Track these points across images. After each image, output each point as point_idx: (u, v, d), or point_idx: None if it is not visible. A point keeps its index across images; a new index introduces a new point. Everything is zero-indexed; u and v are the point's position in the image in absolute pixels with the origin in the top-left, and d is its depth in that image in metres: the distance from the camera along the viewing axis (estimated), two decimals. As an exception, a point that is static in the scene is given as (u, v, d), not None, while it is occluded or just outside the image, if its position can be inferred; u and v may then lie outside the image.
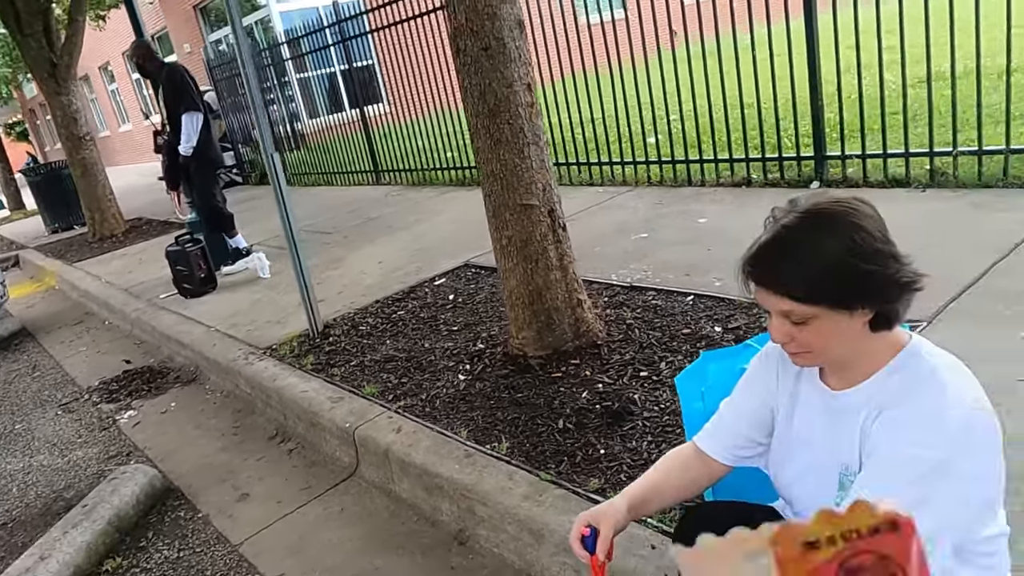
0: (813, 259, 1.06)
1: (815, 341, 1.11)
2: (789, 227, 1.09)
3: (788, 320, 1.10)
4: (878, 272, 1.05)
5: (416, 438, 2.61)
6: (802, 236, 1.07)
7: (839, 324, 1.08)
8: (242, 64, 3.57)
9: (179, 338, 4.46)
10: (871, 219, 1.07)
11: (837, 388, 1.19)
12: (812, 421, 1.23)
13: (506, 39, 2.68)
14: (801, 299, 1.07)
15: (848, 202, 1.08)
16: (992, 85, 4.54)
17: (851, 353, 1.13)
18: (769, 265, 1.10)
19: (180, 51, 16.85)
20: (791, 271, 1.07)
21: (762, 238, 1.12)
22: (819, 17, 4.34)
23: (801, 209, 1.09)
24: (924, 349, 1.12)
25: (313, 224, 6.99)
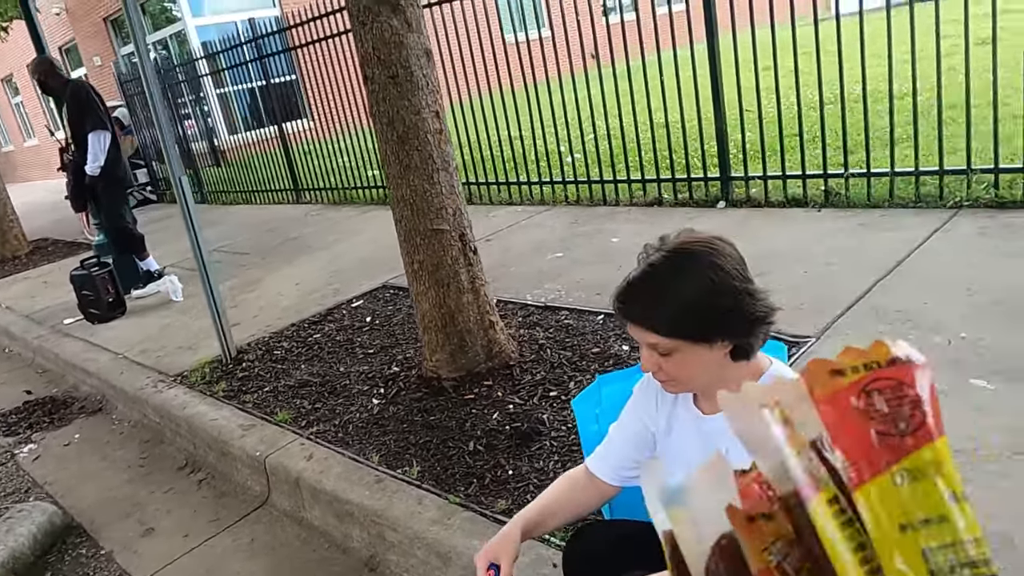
0: (675, 297, 1.14)
1: (680, 371, 1.20)
2: (655, 266, 1.17)
3: (655, 352, 1.18)
4: (734, 309, 1.14)
5: (327, 464, 2.61)
6: (665, 275, 1.16)
7: (701, 356, 1.17)
8: (147, 83, 3.50)
9: (84, 366, 4.30)
10: (730, 258, 1.16)
11: (707, 412, 1.28)
12: (687, 443, 1.32)
13: (413, 68, 2.73)
14: (664, 334, 1.16)
15: (709, 242, 1.17)
16: (884, 109, 4.84)
17: (715, 380, 1.22)
18: (636, 303, 1.18)
19: (90, 64, 16.24)
20: (655, 309, 1.16)
21: (631, 275, 1.20)
22: (721, 41, 4.55)
23: (667, 248, 1.18)
24: (779, 374, 1.22)
25: (230, 244, 6.85)
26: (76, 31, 16.57)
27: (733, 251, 1.18)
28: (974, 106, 3.96)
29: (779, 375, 1.22)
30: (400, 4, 2.67)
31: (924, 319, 2.73)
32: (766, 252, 3.73)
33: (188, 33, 13.16)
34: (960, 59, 3.82)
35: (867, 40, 3.98)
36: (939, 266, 3.16)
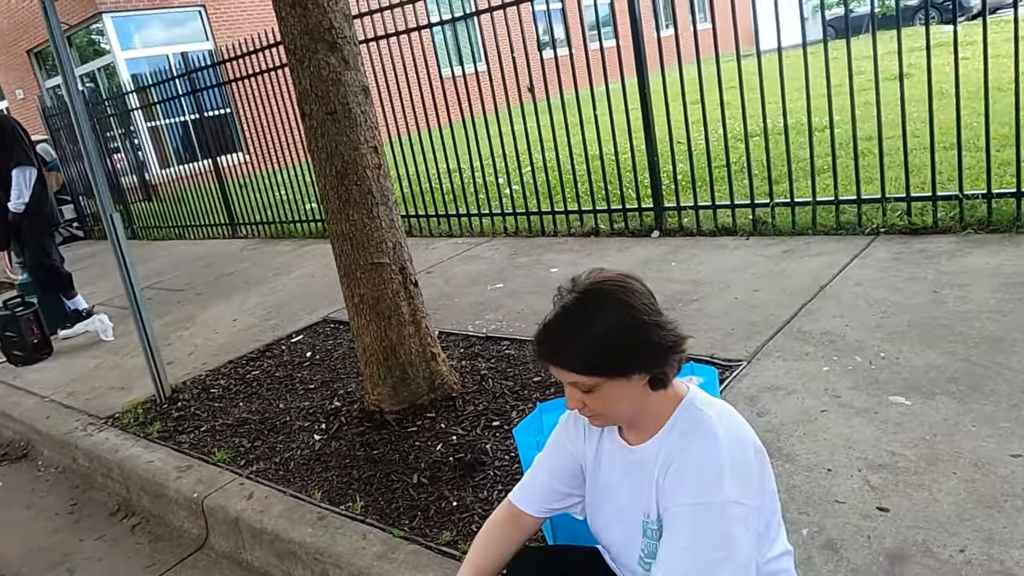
0: (588, 336, 1.19)
1: (603, 406, 1.24)
2: (566, 308, 1.22)
3: (578, 389, 1.23)
4: (645, 342, 1.20)
5: (268, 503, 2.56)
6: (577, 316, 1.21)
7: (620, 389, 1.22)
8: (75, 116, 3.43)
9: (7, 410, 4.12)
10: (638, 294, 1.22)
11: (633, 443, 1.32)
12: (615, 474, 1.36)
13: (351, 104, 2.76)
14: (581, 372, 1.21)
15: (618, 281, 1.23)
16: (805, 141, 5.09)
17: (638, 411, 1.27)
18: (551, 346, 1.23)
19: (12, 98, 15.71)
20: (569, 350, 1.21)
21: (545, 319, 1.25)
22: (651, 77, 4.73)
23: (578, 290, 1.23)
24: (697, 400, 1.28)
25: (164, 281, 6.69)
26: (-3, 63, 16.04)
27: (642, 287, 1.25)
28: (887, 138, 4.21)
29: (696, 400, 1.28)
30: (337, 42, 2.71)
31: (846, 340, 2.87)
32: (698, 279, 3.86)
33: (117, 66, 12.92)
34: (873, 94, 4.07)
35: (787, 75, 4.20)
36: (859, 290, 3.33)
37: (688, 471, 1.18)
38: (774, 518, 1.26)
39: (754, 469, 1.19)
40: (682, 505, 1.17)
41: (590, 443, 1.41)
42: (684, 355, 1.25)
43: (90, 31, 13.58)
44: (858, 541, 1.83)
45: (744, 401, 2.58)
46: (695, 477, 1.17)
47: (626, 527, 1.32)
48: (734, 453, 1.17)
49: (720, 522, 1.13)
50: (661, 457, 1.24)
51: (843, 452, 2.19)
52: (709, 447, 1.18)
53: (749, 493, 1.16)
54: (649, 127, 4.79)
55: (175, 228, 9.20)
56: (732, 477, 1.15)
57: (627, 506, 1.32)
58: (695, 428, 1.22)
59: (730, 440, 1.19)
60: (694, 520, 1.15)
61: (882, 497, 1.97)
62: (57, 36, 3.33)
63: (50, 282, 5.18)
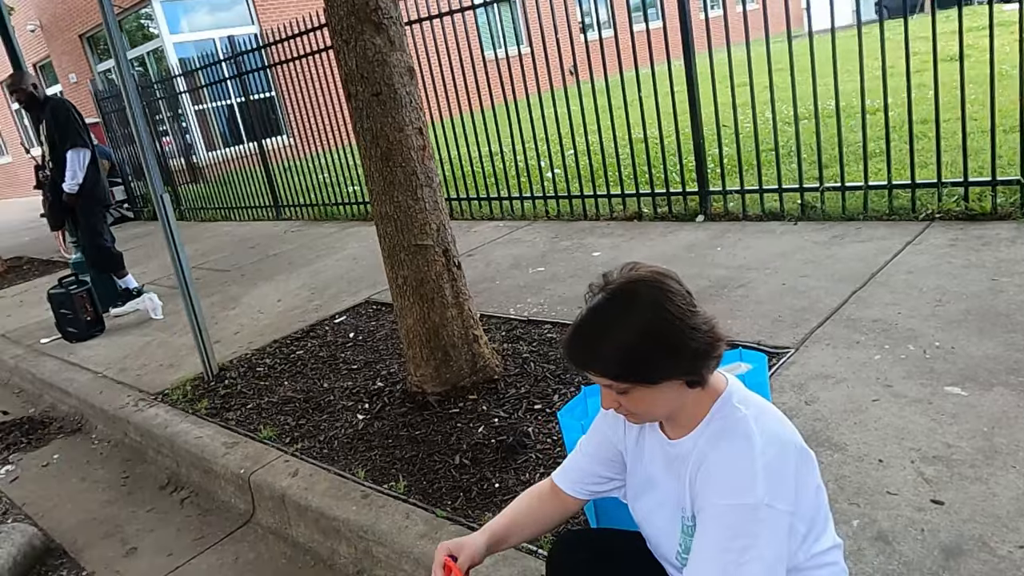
0: (618, 342, 1.14)
1: (638, 407, 1.21)
2: (595, 310, 1.18)
3: (612, 391, 1.20)
4: (679, 348, 1.14)
5: (313, 481, 2.60)
6: (606, 320, 1.16)
7: (654, 392, 1.18)
8: (128, 100, 3.49)
9: (62, 386, 4.25)
10: (673, 295, 1.16)
11: (672, 437, 1.29)
12: (655, 465, 1.34)
13: (396, 85, 2.76)
14: (613, 377, 1.17)
15: (652, 280, 1.17)
16: (857, 124, 4.94)
17: (676, 409, 1.24)
18: (581, 350, 1.19)
19: (66, 82, 16.11)
20: (600, 355, 1.16)
21: (575, 321, 1.21)
22: (697, 58, 4.64)
23: (610, 289, 1.18)
24: (735, 398, 1.23)
25: (210, 261, 6.82)
26: (51, 48, 16.45)
27: (678, 286, 1.18)
28: (944, 121, 4.07)
29: (733, 397, 1.24)
30: (383, 23, 2.70)
31: (899, 329, 2.79)
32: (744, 264, 3.79)
33: (166, 50, 13.14)
34: (929, 75, 3.93)
35: (839, 57, 4.07)
36: (912, 277, 3.23)
37: (719, 471, 1.15)
38: (819, 515, 1.22)
39: (791, 471, 1.14)
40: (714, 505, 1.14)
41: (630, 433, 1.39)
42: (720, 357, 1.20)
43: (139, 15, 13.83)
44: (911, 534, 1.79)
45: (792, 389, 2.53)
46: (726, 478, 1.14)
47: (666, 520, 1.31)
48: (768, 454, 1.13)
49: (749, 524, 1.09)
50: (695, 454, 1.22)
51: (895, 443, 2.14)
52: (742, 447, 1.14)
53: (783, 496, 1.11)
54: (695, 109, 4.69)
55: (220, 210, 9.37)
56: (765, 479, 1.11)
57: (666, 499, 1.30)
58: (729, 427, 1.19)
59: (765, 440, 1.15)
60: (723, 521, 1.12)
61: (937, 490, 1.92)
62: (111, 20, 3.39)
63: (102, 262, 5.31)
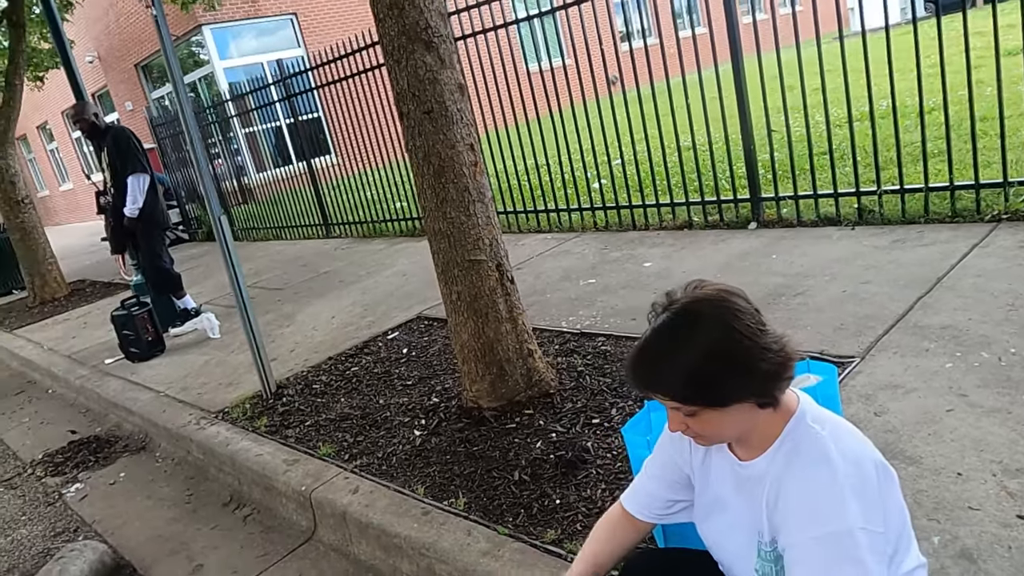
0: (682, 365, 1.12)
1: (706, 429, 1.18)
2: (659, 332, 1.15)
3: (679, 413, 1.17)
4: (748, 370, 1.12)
5: (373, 498, 2.62)
6: (672, 341, 1.14)
7: (723, 415, 1.15)
8: (186, 124, 3.59)
9: (127, 405, 4.37)
10: (741, 314, 1.13)
11: (743, 458, 1.25)
12: (725, 487, 1.30)
13: (447, 103, 2.78)
14: (680, 400, 1.14)
15: (718, 300, 1.14)
16: (913, 124, 4.81)
17: (746, 432, 1.21)
18: (645, 372, 1.17)
19: (122, 109, 16.70)
20: (663, 377, 1.15)
21: (639, 342, 1.18)
22: (745, 61, 4.58)
23: (674, 309, 1.15)
24: (809, 417, 1.19)
25: (263, 280, 6.95)
26: (108, 78, 17.08)
27: (745, 304, 1.15)
28: (1007, 117, 3.93)
29: (807, 416, 1.20)
30: (433, 41, 2.73)
31: (969, 336, 2.68)
32: (801, 271, 3.70)
33: (216, 75, 13.52)
34: (988, 71, 3.80)
35: (893, 55, 3.97)
36: (981, 280, 3.11)
37: (802, 499, 1.11)
38: (904, 533, 1.17)
39: (875, 489, 1.10)
40: (806, 539, 1.09)
41: (696, 454, 1.36)
42: (792, 377, 1.16)
43: (190, 43, 14.27)
44: (997, 551, 1.70)
45: (859, 400, 2.45)
46: (814, 506, 1.09)
47: (740, 543, 1.26)
48: (851, 475, 1.09)
49: (849, 549, 1.05)
50: (770, 478, 1.18)
51: (974, 455, 2.05)
52: (824, 472, 1.10)
53: (873, 518, 1.07)
54: (744, 114, 4.62)
55: (272, 229, 9.56)
56: (854, 501, 1.07)
57: (739, 522, 1.26)
58: (807, 450, 1.14)
59: (846, 461, 1.10)
60: (821, 553, 1.07)
61: (1023, 505, 1.83)
62: (168, 49, 3.49)
63: (161, 283, 5.46)
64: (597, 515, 2.19)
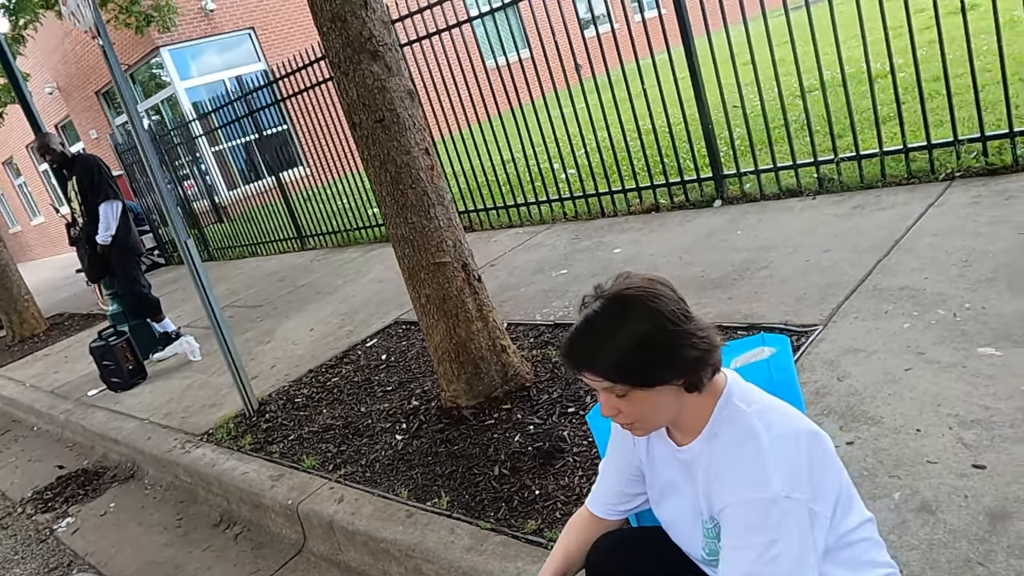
0: (613, 346, 1.18)
1: (638, 412, 1.23)
2: (590, 318, 1.22)
3: (612, 395, 1.22)
4: (672, 353, 1.18)
5: (358, 505, 2.65)
6: (602, 326, 1.20)
7: (652, 396, 1.21)
8: (143, 151, 3.60)
9: (112, 435, 4.37)
10: (665, 301, 1.19)
11: (680, 443, 1.31)
12: (668, 474, 1.36)
13: (399, 110, 2.80)
14: (611, 380, 1.20)
15: (643, 287, 1.21)
16: (866, 91, 4.87)
17: (676, 416, 1.26)
18: (577, 354, 1.23)
19: (87, 138, 16.55)
20: (596, 358, 1.20)
21: (572, 329, 1.25)
22: (697, 42, 4.62)
23: (604, 297, 1.22)
24: (735, 397, 1.25)
25: (241, 298, 6.95)
26: (70, 107, 16.91)
27: (671, 293, 1.21)
28: (955, 76, 4.00)
29: (733, 396, 1.25)
30: (378, 51, 2.75)
31: (926, 295, 2.75)
32: (766, 245, 3.77)
33: (178, 96, 13.42)
34: (935, 33, 3.86)
35: (841, 24, 4.03)
36: (936, 240, 3.19)
37: (731, 471, 1.17)
38: (843, 492, 1.22)
39: (803, 459, 1.15)
40: (731, 505, 1.15)
41: (640, 445, 1.42)
42: (718, 365, 1.23)
43: (151, 66, 14.16)
44: (955, 501, 1.77)
45: (823, 366, 2.51)
46: (739, 476, 1.15)
47: (688, 524, 1.33)
48: (777, 448, 1.15)
49: (770, 518, 1.10)
50: (704, 459, 1.24)
51: (932, 410, 2.11)
52: (750, 446, 1.16)
53: (798, 486, 1.12)
54: (700, 94, 4.68)
55: (247, 247, 9.54)
56: (778, 471, 1.12)
57: (685, 504, 1.32)
58: (735, 428, 1.20)
59: (771, 435, 1.16)
60: (743, 519, 1.13)
61: (977, 454, 1.89)
62: (118, 76, 3.49)
63: (141, 308, 5.46)
64: (576, 502, 2.24)
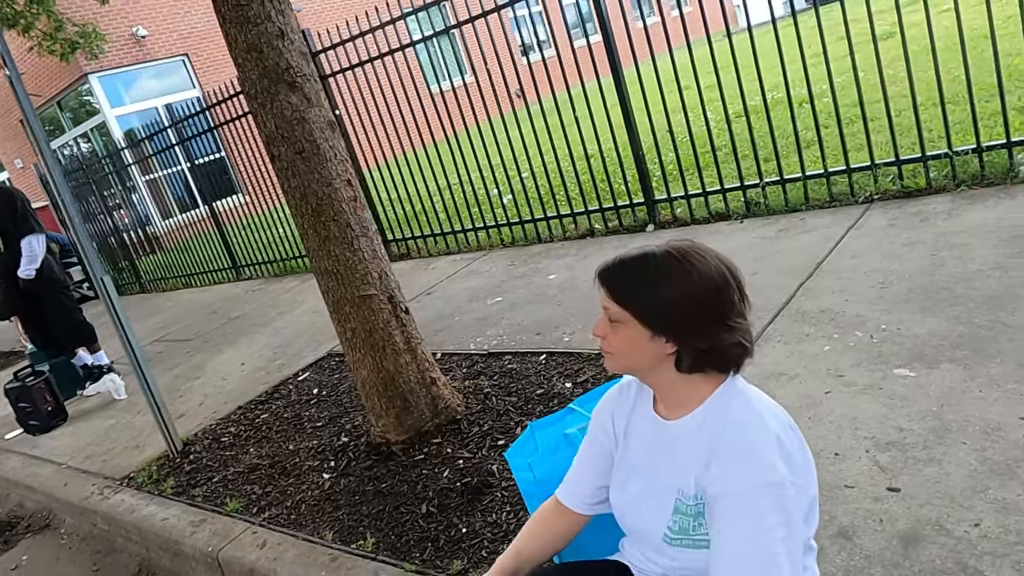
0: (648, 282, 1.19)
1: (618, 345, 1.23)
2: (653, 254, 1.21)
3: (606, 315, 1.23)
4: (699, 323, 1.17)
5: (281, 550, 2.55)
6: (658, 264, 1.20)
7: (643, 339, 1.20)
8: (57, 192, 3.46)
9: (27, 482, 4.14)
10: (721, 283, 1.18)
11: (668, 417, 1.29)
12: (646, 448, 1.33)
13: (319, 141, 2.75)
14: (616, 298, 1.21)
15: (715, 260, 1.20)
16: (787, 118, 5.01)
17: (658, 380, 1.26)
18: (614, 268, 1.23)
19: (12, 167, 15.95)
20: (625, 276, 1.21)
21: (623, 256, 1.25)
22: (626, 72, 4.70)
23: (673, 247, 1.21)
24: (740, 382, 1.25)
25: (172, 332, 6.73)
26: (-7, 136, 16.28)
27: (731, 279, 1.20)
28: (870, 103, 4.14)
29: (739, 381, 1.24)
30: (296, 81, 2.70)
31: (846, 316, 2.81)
32: (696, 269, 3.80)
33: (109, 124, 13.05)
34: (861, 58, 3.99)
35: (762, 52, 4.14)
36: (856, 261, 3.27)
37: (741, 454, 1.15)
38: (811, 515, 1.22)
39: (800, 452, 1.18)
40: (741, 488, 1.14)
41: (619, 420, 1.39)
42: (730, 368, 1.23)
43: (80, 93, 13.75)
44: (870, 526, 1.78)
45: (747, 391, 2.53)
46: (750, 459, 1.14)
47: (655, 504, 1.29)
48: (781, 436, 1.16)
49: (780, 499, 1.11)
50: (704, 435, 1.21)
51: (850, 433, 2.14)
52: (759, 431, 1.16)
53: (798, 472, 1.14)
54: (630, 122, 4.74)
55: (181, 278, 9.27)
56: (782, 460, 1.13)
57: (657, 482, 1.29)
58: (740, 411, 1.20)
59: (778, 423, 1.18)
60: (753, 501, 1.12)
61: (892, 477, 1.92)
62: (29, 114, 3.34)
63: (79, 335, 5.24)
64: (504, 539, 2.20)
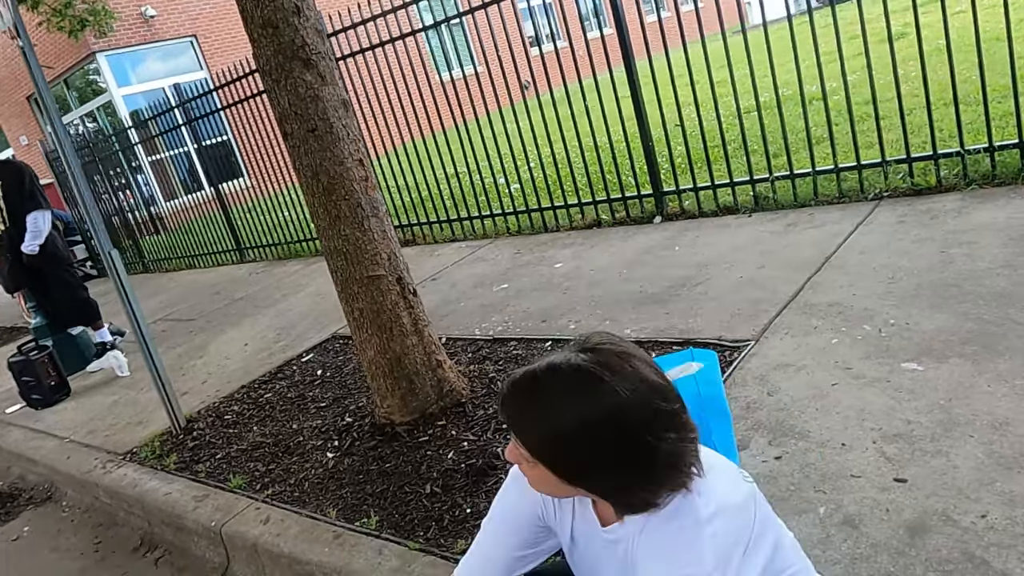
0: (548, 422, 1.06)
1: (531, 478, 1.15)
2: (547, 374, 1.08)
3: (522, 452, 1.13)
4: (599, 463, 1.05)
5: (284, 526, 2.56)
6: (551, 395, 1.07)
7: (562, 486, 1.12)
8: (68, 166, 3.45)
9: (29, 455, 4.15)
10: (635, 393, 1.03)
11: (604, 523, 1.21)
12: (592, 549, 1.26)
13: (332, 119, 2.75)
14: (530, 450, 1.10)
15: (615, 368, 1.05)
16: (798, 114, 5.00)
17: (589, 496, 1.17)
18: (514, 408, 1.12)
19: (17, 144, 15.93)
20: (527, 422, 1.09)
21: (520, 373, 1.12)
22: (639, 64, 4.69)
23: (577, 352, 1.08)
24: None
25: (176, 311, 6.73)
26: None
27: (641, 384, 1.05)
28: (883, 100, 4.13)
29: None
30: (312, 59, 2.70)
31: (854, 310, 2.81)
32: (702, 261, 3.81)
33: (115, 103, 13.03)
34: (875, 56, 3.97)
35: (776, 48, 4.13)
36: (864, 257, 3.27)
37: (663, 550, 1.07)
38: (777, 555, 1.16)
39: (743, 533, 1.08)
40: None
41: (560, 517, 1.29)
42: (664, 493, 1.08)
43: (87, 71, 13.72)
44: (876, 515, 1.79)
45: (753, 381, 2.54)
46: (672, 554, 1.06)
47: None
48: (713, 525, 1.06)
49: None
50: (631, 538, 1.14)
51: (857, 425, 2.15)
52: (683, 524, 1.07)
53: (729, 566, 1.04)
54: (641, 114, 4.73)
55: (185, 258, 9.27)
56: (711, 552, 1.04)
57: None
58: (674, 509, 1.09)
59: (709, 512, 1.07)
60: None
61: (899, 468, 1.92)
62: (41, 86, 3.34)
63: (83, 312, 5.24)
64: (507, 520, 2.20)
